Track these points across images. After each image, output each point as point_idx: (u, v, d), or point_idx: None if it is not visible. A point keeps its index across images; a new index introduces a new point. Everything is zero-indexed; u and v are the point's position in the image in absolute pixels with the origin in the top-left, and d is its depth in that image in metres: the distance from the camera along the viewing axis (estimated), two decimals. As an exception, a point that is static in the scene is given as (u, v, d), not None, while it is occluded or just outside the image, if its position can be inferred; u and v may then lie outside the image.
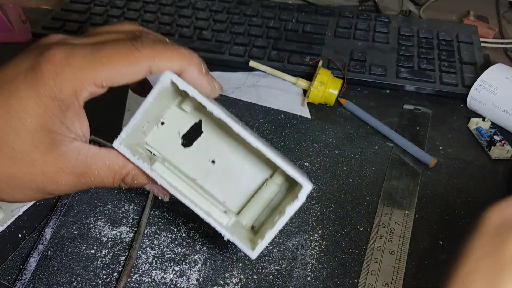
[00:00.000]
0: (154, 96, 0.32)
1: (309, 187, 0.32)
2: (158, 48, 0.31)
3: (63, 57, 0.29)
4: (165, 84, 0.31)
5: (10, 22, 0.69)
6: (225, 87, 0.61)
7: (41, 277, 0.40)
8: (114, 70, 0.30)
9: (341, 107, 0.59)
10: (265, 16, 0.70)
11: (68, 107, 0.30)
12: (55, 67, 0.29)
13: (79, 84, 0.29)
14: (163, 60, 0.31)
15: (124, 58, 0.30)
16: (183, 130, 0.37)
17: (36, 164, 0.29)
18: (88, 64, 0.29)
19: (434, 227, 0.45)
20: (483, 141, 0.54)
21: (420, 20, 0.72)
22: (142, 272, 0.41)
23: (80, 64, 0.29)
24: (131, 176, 0.33)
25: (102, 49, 0.30)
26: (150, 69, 0.31)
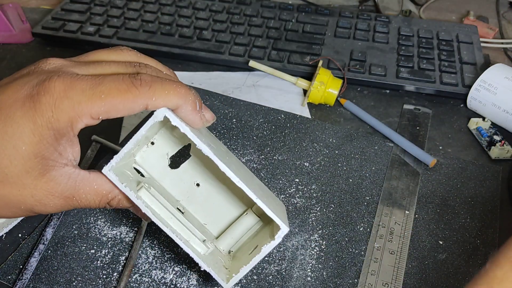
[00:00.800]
0: (146, 129, 0.32)
1: (286, 229, 0.33)
2: (156, 86, 0.31)
3: (63, 89, 0.30)
4: (159, 119, 0.32)
5: (10, 22, 0.69)
6: (225, 87, 0.61)
7: (41, 277, 0.40)
8: (111, 105, 0.30)
9: (341, 107, 0.59)
10: (265, 16, 0.70)
11: (63, 136, 0.31)
12: (54, 100, 0.30)
13: (76, 116, 0.30)
14: (160, 99, 0.31)
15: (123, 95, 0.30)
16: (172, 152, 0.38)
17: (27, 188, 0.31)
18: (87, 98, 0.30)
19: (434, 227, 0.45)
20: (483, 141, 0.54)
21: (420, 20, 0.72)
22: (142, 272, 0.41)
23: (79, 98, 0.30)
24: (116, 200, 0.34)
25: (102, 84, 0.31)
26: (146, 106, 0.31)
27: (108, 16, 0.69)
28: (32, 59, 0.65)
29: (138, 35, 0.66)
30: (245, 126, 0.55)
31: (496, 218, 0.46)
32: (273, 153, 0.52)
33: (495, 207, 0.47)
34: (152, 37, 0.65)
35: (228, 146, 0.52)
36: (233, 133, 0.54)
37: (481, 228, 0.45)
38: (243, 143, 0.53)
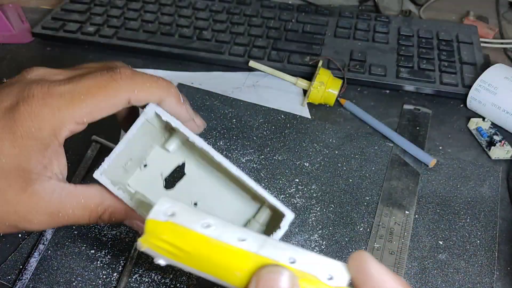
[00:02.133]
0: (137, 127, 0.31)
1: (291, 216, 0.31)
2: (137, 79, 0.30)
3: (41, 97, 0.29)
4: (149, 116, 0.31)
5: (10, 22, 0.69)
6: (225, 87, 0.61)
7: (41, 277, 0.40)
8: (93, 105, 0.29)
9: (341, 107, 0.59)
10: (265, 16, 0.70)
11: (47, 146, 0.29)
12: (33, 108, 0.28)
13: (58, 123, 0.29)
14: (142, 91, 0.30)
15: (103, 91, 0.29)
16: (166, 172, 0.37)
17: (9, 203, 0.29)
18: (66, 102, 0.29)
19: (434, 227, 0.45)
20: (483, 141, 0.54)
21: (420, 20, 0.72)
22: (142, 272, 0.41)
23: (58, 103, 0.29)
24: (108, 213, 0.32)
25: (80, 82, 0.29)
26: (129, 100, 0.30)
27: (108, 16, 0.69)
28: (32, 59, 0.65)
29: (138, 35, 0.66)
30: (245, 126, 0.55)
31: (496, 218, 0.46)
32: (273, 153, 0.52)
33: (495, 207, 0.47)
34: (152, 37, 0.65)
35: (228, 146, 0.52)
36: (233, 133, 0.54)
37: (481, 228, 0.45)
38: (243, 143, 0.53)
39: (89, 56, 0.66)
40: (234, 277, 0.24)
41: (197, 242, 0.24)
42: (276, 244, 0.24)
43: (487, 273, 0.41)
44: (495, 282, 0.41)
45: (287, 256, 0.23)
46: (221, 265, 0.24)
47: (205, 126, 0.35)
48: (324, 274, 0.23)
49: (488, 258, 0.42)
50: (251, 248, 0.24)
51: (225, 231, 0.24)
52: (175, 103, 0.32)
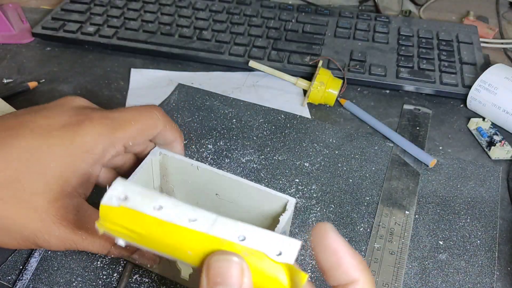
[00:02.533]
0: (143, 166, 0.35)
1: (293, 200, 0.34)
2: (167, 117, 0.36)
3: (99, 118, 0.33)
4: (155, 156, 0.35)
5: (10, 22, 0.69)
6: (225, 87, 0.61)
7: (41, 277, 0.40)
8: (138, 129, 0.34)
9: (341, 107, 0.59)
10: (265, 16, 0.70)
11: (96, 162, 0.32)
12: (94, 125, 0.32)
13: (110, 143, 0.33)
14: (170, 128, 0.36)
15: (145, 118, 0.34)
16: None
17: (38, 210, 0.30)
18: (119, 125, 0.33)
19: (434, 227, 0.45)
20: (483, 141, 0.54)
21: (420, 20, 0.72)
22: (142, 272, 0.41)
23: (113, 124, 0.33)
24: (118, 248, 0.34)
25: (128, 111, 0.35)
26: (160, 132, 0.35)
27: (108, 16, 0.69)
28: (32, 59, 0.65)
29: (138, 35, 0.66)
30: (245, 126, 0.55)
31: (496, 218, 0.46)
32: (273, 153, 0.52)
33: (495, 207, 0.47)
34: (152, 37, 0.65)
35: (228, 146, 0.52)
36: (233, 133, 0.54)
37: (481, 228, 0.45)
38: (243, 143, 0.53)
39: (89, 56, 0.66)
40: (187, 256, 0.24)
41: (149, 224, 0.24)
42: (227, 223, 0.24)
43: (487, 273, 0.41)
44: (495, 282, 0.41)
45: (237, 234, 0.24)
46: (174, 245, 0.24)
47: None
48: (273, 250, 0.23)
49: (488, 258, 0.42)
50: (201, 228, 0.24)
51: (176, 212, 0.25)
52: (180, 147, 0.38)
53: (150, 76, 0.62)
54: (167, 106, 0.57)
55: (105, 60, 0.65)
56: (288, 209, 0.34)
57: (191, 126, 0.55)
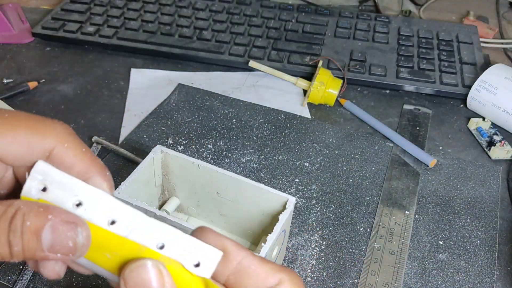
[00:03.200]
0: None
1: (293, 199, 0.34)
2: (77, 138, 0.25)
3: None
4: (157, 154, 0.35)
5: (10, 22, 0.69)
6: (225, 87, 0.61)
7: (41, 277, 0.40)
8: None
9: (341, 107, 0.59)
10: (265, 16, 0.70)
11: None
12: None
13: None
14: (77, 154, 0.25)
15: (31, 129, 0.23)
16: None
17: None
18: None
19: (434, 227, 0.45)
20: (483, 141, 0.54)
21: (420, 20, 0.72)
22: (142, 272, 0.41)
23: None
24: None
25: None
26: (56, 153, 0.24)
27: (108, 16, 0.69)
28: (32, 59, 0.65)
29: (138, 35, 0.66)
30: (245, 126, 0.55)
31: (496, 218, 0.46)
32: (273, 153, 0.52)
33: (495, 207, 0.47)
34: (152, 37, 0.65)
35: (228, 146, 0.52)
36: (233, 133, 0.54)
37: (481, 228, 0.45)
38: (243, 143, 0.53)
39: (89, 56, 0.66)
40: (105, 259, 0.23)
41: None
42: (147, 227, 0.23)
43: (487, 273, 0.41)
44: (495, 282, 0.41)
45: (156, 241, 0.22)
46: (92, 247, 0.23)
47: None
48: (192, 261, 0.22)
49: (488, 258, 0.42)
50: (120, 232, 0.23)
51: (96, 212, 0.23)
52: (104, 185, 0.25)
53: (150, 76, 0.62)
54: (167, 106, 0.57)
55: (105, 60, 0.65)
56: (288, 207, 0.34)
57: (191, 126, 0.55)
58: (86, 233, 0.22)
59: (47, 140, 0.23)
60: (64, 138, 0.24)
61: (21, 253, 0.21)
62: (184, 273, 0.22)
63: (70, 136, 0.24)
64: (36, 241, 0.21)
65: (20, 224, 0.21)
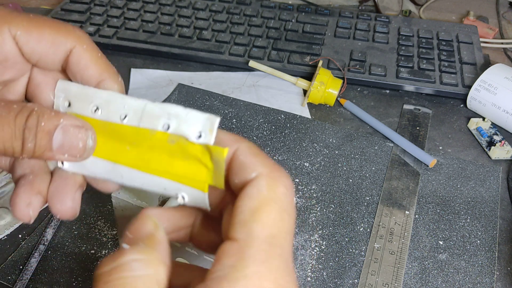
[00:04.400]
0: None
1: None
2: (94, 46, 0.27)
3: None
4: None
5: (10, 22, 0.69)
6: (225, 87, 0.61)
7: (41, 277, 0.40)
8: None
9: (341, 107, 0.59)
10: (265, 16, 0.70)
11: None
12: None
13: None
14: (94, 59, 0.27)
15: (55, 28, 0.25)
16: None
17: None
18: None
19: (434, 227, 0.45)
20: (483, 141, 0.54)
21: (420, 20, 0.72)
22: (142, 272, 0.41)
23: None
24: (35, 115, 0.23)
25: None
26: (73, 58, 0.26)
27: (108, 16, 0.69)
28: (32, 59, 0.65)
29: (138, 35, 0.66)
30: (245, 126, 0.55)
31: (496, 218, 0.46)
32: (273, 153, 0.52)
33: (495, 207, 0.47)
34: (152, 37, 0.65)
35: (228, 146, 0.52)
36: (233, 133, 0.54)
37: (481, 228, 0.45)
38: (243, 143, 0.53)
39: (89, 56, 0.66)
40: (126, 153, 0.26)
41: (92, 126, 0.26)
42: (152, 112, 0.26)
43: (487, 273, 0.41)
44: (495, 282, 0.41)
45: (162, 122, 0.26)
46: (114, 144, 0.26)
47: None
48: (194, 133, 0.25)
49: (488, 258, 0.42)
50: (132, 122, 0.26)
51: (110, 111, 0.26)
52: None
53: (150, 76, 0.62)
54: (167, 106, 0.57)
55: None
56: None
57: (191, 126, 0.55)
58: (94, 136, 0.25)
59: (69, 39, 0.25)
60: (83, 40, 0.26)
61: (32, 150, 0.23)
62: (189, 146, 0.25)
63: (88, 40, 0.26)
64: (47, 140, 0.23)
65: (35, 123, 0.23)
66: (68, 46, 0.25)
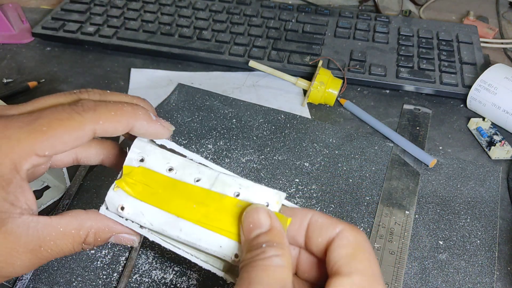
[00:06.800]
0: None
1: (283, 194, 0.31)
2: (100, 109, 0.29)
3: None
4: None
5: (10, 22, 0.69)
6: (225, 87, 0.61)
7: (41, 277, 0.40)
8: (56, 138, 0.28)
9: (341, 107, 0.59)
10: (265, 16, 0.70)
11: (10, 182, 0.27)
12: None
13: (18, 157, 0.27)
14: (108, 121, 0.29)
15: (66, 124, 0.28)
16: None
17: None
18: (26, 134, 0.27)
19: (434, 227, 0.45)
20: (483, 141, 0.54)
21: (420, 20, 0.72)
22: (142, 272, 0.41)
23: (17, 136, 0.27)
24: (92, 235, 0.31)
25: (41, 117, 0.28)
26: (95, 131, 0.29)
27: (108, 16, 0.69)
28: (32, 59, 0.65)
29: (138, 35, 0.66)
30: (245, 126, 0.55)
31: (496, 218, 0.46)
32: (273, 153, 0.52)
33: (495, 207, 0.47)
34: (152, 37, 0.65)
35: (228, 146, 0.52)
36: (233, 133, 0.54)
37: (481, 228, 0.45)
38: (243, 143, 0.53)
39: (89, 56, 0.66)
40: (191, 210, 0.30)
41: (163, 182, 0.31)
42: (225, 181, 0.30)
43: (487, 273, 0.41)
44: (495, 282, 0.41)
45: (233, 190, 0.30)
46: (181, 200, 0.30)
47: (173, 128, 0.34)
48: (262, 202, 0.29)
49: (488, 258, 0.42)
50: (204, 185, 0.30)
51: (184, 173, 0.31)
52: (146, 124, 0.31)
53: (150, 76, 0.62)
54: (167, 106, 0.57)
55: (105, 60, 0.65)
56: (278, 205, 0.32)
57: (191, 126, 0.55)
58: (138, 238, 0.33)
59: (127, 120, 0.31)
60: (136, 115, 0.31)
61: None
62: None
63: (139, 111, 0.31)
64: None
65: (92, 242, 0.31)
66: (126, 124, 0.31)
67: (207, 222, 0.30)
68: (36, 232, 0.28)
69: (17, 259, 0.28)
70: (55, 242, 0.29)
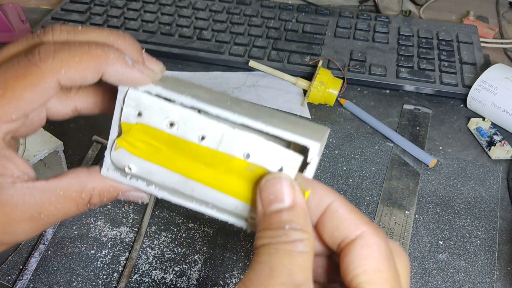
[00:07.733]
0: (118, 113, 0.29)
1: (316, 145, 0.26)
2: (62, 55, 0.25)
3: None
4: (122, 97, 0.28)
5: (10, 22, 0.69)
6: (225, 87, 0.61)
7: (41, 277, 0.40)
8: (17, 99, 0.25)
9: (341, 107, 0.59)
10: (265, 16, 0.70)
11: None
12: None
13: None
14: (72, 69, 0.25)
15: (23, 81, 0.25)
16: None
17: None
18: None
19: (434, 227, 0.45)
20: (483, 141, 0.54)
21: (420, 20, 0.72)
22: (142, 272, 0.41)
23: None
24: (96, 196, 0.28)
25: None
26: (59, 83, 0.25)
27: (108, 16, 0.69)
28: (32, 59, 0.65)
29: (138, 35, 0.66)
30: (245, 126, 0.55)
31: (496, 218, 0.46)
32: (273, 153, 0.52)
33: (495, 207, 0.47)
34: (152, 37, 0.65)
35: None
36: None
37: (481, 228, 0.45)
38: (243, 143, 0.53)
39: (89, 56, 0.66)
40: (200, 171, 0.26)
41: (165, 140, 0.26)
42: (232, 139, 0.25)
43: (487, 273, 0.41)
44: (495, 282, 0.41)
45: (242, 150, 0.25)
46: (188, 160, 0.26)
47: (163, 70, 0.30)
48: (275, 166, 0.25)
49: (488, 258, 0.42)
50: (210, 145, 0.26)
51: (187, 130, 0.26)
52: (120, 70, 0.26)
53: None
54: (167, 106, 0.57)
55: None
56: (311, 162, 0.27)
57: (191, 126, 0.55)
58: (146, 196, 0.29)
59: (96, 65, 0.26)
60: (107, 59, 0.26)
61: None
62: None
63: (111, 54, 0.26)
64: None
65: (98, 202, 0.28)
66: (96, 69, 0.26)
67: (218, 184, 0.26)
68: (34, 199, 0.26)
69: (18, 228, 0.27)
70: (56, 207, 0.27)
